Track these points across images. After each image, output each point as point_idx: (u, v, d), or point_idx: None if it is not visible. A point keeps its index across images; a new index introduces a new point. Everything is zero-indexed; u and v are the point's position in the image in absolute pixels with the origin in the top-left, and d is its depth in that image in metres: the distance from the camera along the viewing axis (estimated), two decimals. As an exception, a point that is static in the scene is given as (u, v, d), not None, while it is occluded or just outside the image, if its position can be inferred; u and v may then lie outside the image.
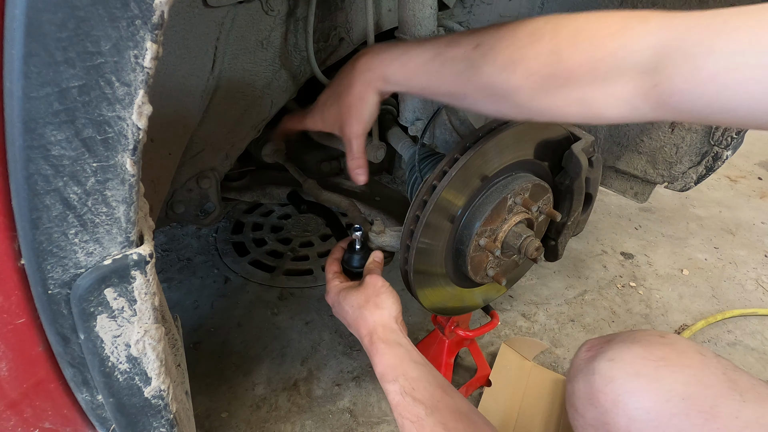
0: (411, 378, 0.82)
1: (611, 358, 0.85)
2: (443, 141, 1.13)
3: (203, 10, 0.95)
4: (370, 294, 0.93)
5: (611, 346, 0.88)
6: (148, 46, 0.43)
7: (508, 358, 1.59)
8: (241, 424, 1.41)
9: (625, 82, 0.58)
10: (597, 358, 0.88)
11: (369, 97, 0.88)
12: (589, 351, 0.93)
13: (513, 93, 0.67)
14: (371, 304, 0.92)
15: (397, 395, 0.81)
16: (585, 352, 0.94)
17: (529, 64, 0.64)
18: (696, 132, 1.29)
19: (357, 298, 0.94)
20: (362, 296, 0.93)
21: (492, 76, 0.68)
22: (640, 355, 0.83)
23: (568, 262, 2.10)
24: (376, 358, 0.87)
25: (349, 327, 0.98)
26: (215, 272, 1.96)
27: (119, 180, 0.48)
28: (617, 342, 0.88)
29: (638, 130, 1.41)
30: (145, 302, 0.55)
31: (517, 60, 0.65)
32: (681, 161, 1.37)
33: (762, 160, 3.07)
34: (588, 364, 0.89)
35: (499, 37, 0.68)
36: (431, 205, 0.92)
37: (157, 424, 0.63)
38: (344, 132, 0.94)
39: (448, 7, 1.32)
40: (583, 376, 0.89)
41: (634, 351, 0.84)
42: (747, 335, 1.79)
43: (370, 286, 0.95)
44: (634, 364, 0.83)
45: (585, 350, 0.95)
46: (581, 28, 0.61)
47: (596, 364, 0.87)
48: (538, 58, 0.63)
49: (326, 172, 1.66)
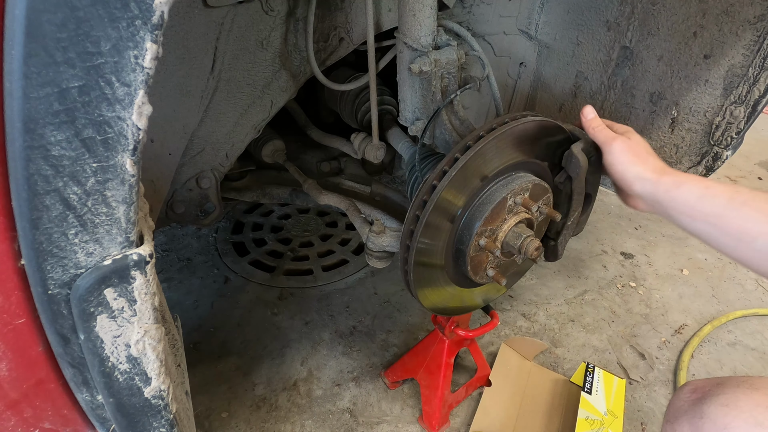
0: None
1: (725, 403, 0.76)
2: (443, 141, 1.13)
3: (203, 10, 0.95)
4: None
5: (723, 390, 0.79)
6: (148, 46, 0.43)
7: (508, 358, 1.59)
8: (241, 424, 1.41)
9: None
10: (706, 401, 0.79)
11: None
12: (695, 392, 0.84)
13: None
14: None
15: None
16: (689, 393, 0.85)
17: None
18: (696, 132, 1.29)
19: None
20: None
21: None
22: (760, 403, 0.74)
23: (568, 262, 2.10)
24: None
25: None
26: (215, 272, 1.96)
27: (119, 180, 0.48)
28: (731, 386, 0.79)
29: (638, 130, 1.41)
30: (145, 302, 0.55)
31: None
32: (681, 161, 1.37)
33: (762, 160, 3.07)
34: (694, 406, 0.80)
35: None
36: (431, 205, 0.92)
37: (157, 424, 0.63)
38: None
39: (448, 7, 1.32)
40: (687, 419, 0.80)
41: (753, 398, 0.75)
42: (747, 335, 1.79)
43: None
44: (753, 412, 0.73)
45: (689, 391, 0.85)
46: None
47: (705, 408, 0.78)
48: None
49: (326, 172, 1.66)
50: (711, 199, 0.82)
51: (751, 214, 0.78)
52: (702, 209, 0.82)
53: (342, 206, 1.37)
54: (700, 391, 0.83)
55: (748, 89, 1.16)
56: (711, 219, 0.82)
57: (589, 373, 1.50)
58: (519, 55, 1.59)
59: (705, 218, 0.82)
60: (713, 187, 0.83)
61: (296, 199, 1.59)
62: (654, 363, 1.66)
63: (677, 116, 1.32)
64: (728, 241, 0.81)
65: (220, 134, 1.18)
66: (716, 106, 1.23)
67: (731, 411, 0.75)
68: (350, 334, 1.71)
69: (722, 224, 0.81)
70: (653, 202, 0.90)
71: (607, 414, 1.40)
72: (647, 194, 0.90)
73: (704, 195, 0.82)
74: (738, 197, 0.80)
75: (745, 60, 1.14)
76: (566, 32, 1.46)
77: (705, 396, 0.80)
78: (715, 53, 1.18)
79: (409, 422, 1.43)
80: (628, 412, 1.48)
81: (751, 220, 0.78)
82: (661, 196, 0.87)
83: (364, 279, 1.95)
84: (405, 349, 1.63)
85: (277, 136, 1.53)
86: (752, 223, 0.78)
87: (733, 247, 0.81)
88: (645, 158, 0.92)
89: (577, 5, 1.40)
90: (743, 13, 1.10)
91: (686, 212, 0.84)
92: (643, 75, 1.34)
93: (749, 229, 0.78)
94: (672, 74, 1.27)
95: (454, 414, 1.45)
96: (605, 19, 1.35)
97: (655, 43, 1.27)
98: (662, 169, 0.89)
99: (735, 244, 0.80)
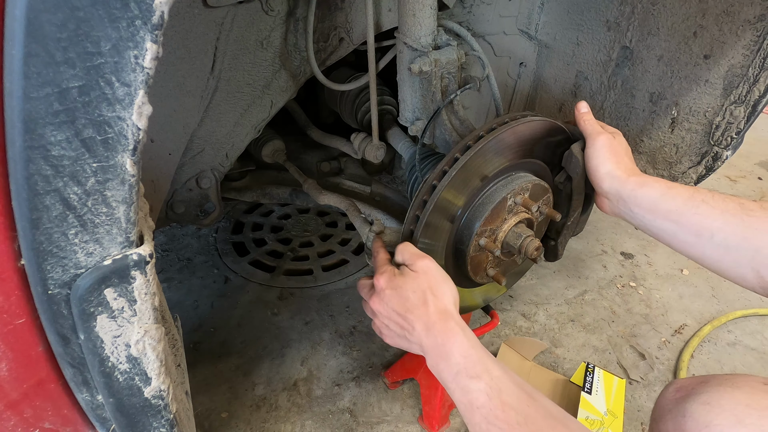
0: (496, 376, 0.73)
1: (706, 401, 0.76)
2: (443, 141, 1.13)
3: (203, 10, 0.95)
4: (431, 279, 0.84)
5: (706, 388, 0.79)
6: (148, 46, 0.43)
7: (508, 358, 1.59)
8: (241, 424, 1.41)
9: None
10: (689, 399, 0.79)
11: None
12: (679, 391, 0.84)
13: None
14: (436, 289, 0.83)
15: (482, 395, 0.72)
16: (674, 392, 0.85)
17: None
18: (696, 132, 1.29)
19: (418, 282, 0.84)
20: (424, 281, 0.84)
21: None
22: (742, 401, 0.74)
23: (568, 262, 2.10)
24: (453, 346, 0.77)
25: (404, 316, 0.85)
26: (215, 272, 1.96)
27: (119, 180, 0.48)
28: (713, 385, 0.79)
29: (638, 130, 1.41)
30: (145, 302, 0.55)
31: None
32: (681, 161, 1.37)
33: (762, 160, 3.07)
34: (678, 405, 0.80)
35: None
36: (431, 205, 0.92)
37: (157, 424, 0.63)
38: None
39: (448, 7, 1.33)
40: (671, 418, 0.80)
41: (735, 397, 0.75)
42: (747, 335, 1.79)
43: (430, 270, 0.85)
44: (735, 411, 0.73)
45: (674, 390, 0.85)
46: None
47: (688, 406, 0.78)
48: None
49: (326, 172, 1.66)
50: (672, 198, 0.85)
51: (709, 211, 0.81)
52: (663, 206, 0.86)
53: (342, 206, 1.37)
54: (684, 390, 0.83)
55: (748, 89, 1.16)
56: (672, 216, 0.85)
57: (589, 373, 1.50)
58: (519, 55, 1.59)
59: (666, 215, 0.86)
60: (675, 188, 0.86)
61: (296, 199, 1.59)
62: (654, 363, 1.66)
63: (677, 116, 1.32)
64: (688, 237, 0.84)
65: (220, 134, 1.18)
66: (716, 106, 1.23)
67: (713, 409, 0.75)
68: (350, 334, 1.71)
69: (682, 221, 0.84)
70: (618, 200, 0.92)
71: (607, 414, 1.40)
72: (613, 192, 0.92)
73: (666, 194, 0.86)
74: (698, 195, 0.83)
75: (745, 60, 1.14)
76: (566, 32, 1.46)
77: (688, 394, 0.81)
78: (715, 53, 1.18)
79: (409, 422, 1.43)
80: (628, 412, 1.48)
81: (710, 217, 0.81)
82: (626, 194, 0.90)
83: (364, 279, 1.95)
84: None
85: (277, 136, 1.53)
86: (710, 219, 0.81)
87: (692, 243, 0.84)
88: (621, 158, 0.94)
89: (577, 5, 1.40)
90: (743, 13, 1.10)
91: (649, 209, 0.87)
92: (643, 75, 1.34)
93: (708, 225, 0.81)
94: (672, 74, 1.27)
95: (454, 414, 1.45)
96: (605, 19, 1.35)
97: (655, 43, 1.27)
98: (632, 170, 0.92)
99: (694, 240, 0.83)
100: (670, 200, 0.85)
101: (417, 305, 0.82)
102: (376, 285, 0.89)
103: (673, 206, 0.85)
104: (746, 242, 0.78)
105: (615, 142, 0.95)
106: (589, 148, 0.97)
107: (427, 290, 0.83)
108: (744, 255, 0.78)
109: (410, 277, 0.85)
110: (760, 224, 0.77)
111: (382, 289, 0.88)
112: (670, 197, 0.86)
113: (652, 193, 0.87)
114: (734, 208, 0.80)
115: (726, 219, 0.80)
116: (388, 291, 0.86)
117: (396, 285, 0.85)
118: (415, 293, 0.83)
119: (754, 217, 0.78)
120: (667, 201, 0.86)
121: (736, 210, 0.80)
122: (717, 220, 0.81)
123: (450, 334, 0.79)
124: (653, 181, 0.89)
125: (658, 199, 0.86)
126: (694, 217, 0.83)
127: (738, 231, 0.79)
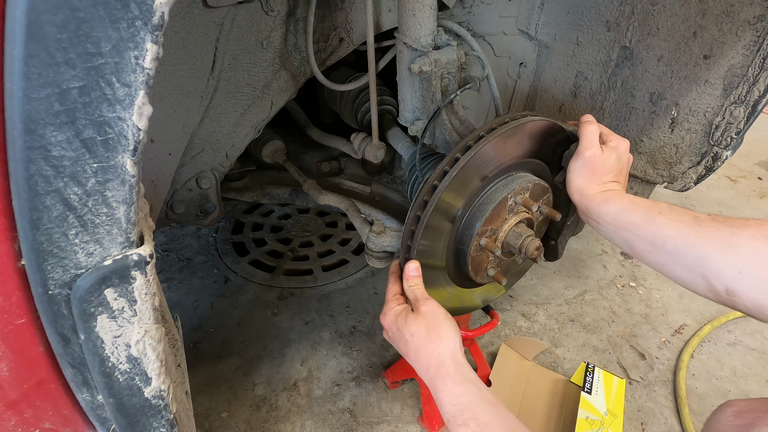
0: (483, 423, 0.78)
1: None
2: (443, 141, 1.13)
3: (203, 11, 0.95)
4: (430, 323, 0.89)
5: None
6: (148, 47, 0.43)
7: (508, 358, 1.59)
8: (241, 424, 1.41)
9: None
10: (755, 428, 0.74)
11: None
12: (739, 417, 0.78)
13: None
14: (434, 334, 0.88)
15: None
16: (733, 417, 0.79)
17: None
18: (696, 132, 1.29)
19: (417, 326, 0.89)
20: (422, 325, 0.89)
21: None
22: None
23: (568, 262, 2.11)
24: (443, 395, 0.83)
25: (406, 356, 0.93)
26: (215, 272, 1.96)
27: (119, 181, 0.48)
28: None
29: (638, 130, 1.41)
30: (145, 302, 0.55)
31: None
32: (681, 161, 1.37)
33: (762, 160, 3.07)
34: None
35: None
36: (432, 206, 0.92)
37: (157, 424, 0.63)
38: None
39: (448, 7, 1.32)
40: None
41: None
42: (747, 335, 1.79)
43: (430, 315, 0.90)
44: None
45: (732, 414, 0.80)
46: None
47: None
48: None
49: (326, 172, 1.66)
50: (631, 212, 0.91)
51: (664, 222, 0.86)
52: (623, 219, 0.91)
53: (342, 206, 1.37)
54: (746, 416, 0.78)
55: (747, 89, 1.16)
56: (630, 228, 0.90)
57: (589, 373, 1.50)
58: (519, 55, 1.59)
59: (625, 227, 0.91)
60: (636, 202, 0.92)
61: (296, 199, 1.59)
62: (654, 363, 1.66)
63: (677, 116, 1.32)
64: (644, 246, 0.89)
65: (220, 134, 1.18)
66: (716, 106, 1.23)
67: None
68: (350, 334, 1.71)
69: (640, 232, 0.89)
70: (586, 214, 0.98)
71: (607, 414, 1.40)
72: (582, 207, 0.99)
73: (626, 208, 0.91)
74: (655, 208, 0.88)
75: (745, 60, 1.14)
76: (566, 32, 1.46)
77: (753, 424, 0.76)
78: (714, 53, 1.18)
79: (409, 422, 1.43)
80: (628, 412, 1.49)
81: (664, 227, 0.85)
82: (592, 209, 0.96)
83: (364, 279, 1.95)
84: (405, 349, 1.63)
85: (277, 136, 1.53)
86: (664, 229, 0.85)
87: (648, 251, 0.89)
88: (599, 176, 0.98)
89: (577, 5, 1.40)
90: (743, 14, 1.10)
91: (611, 222, 0.93)
92: (642, 75, 1.33)
93: (661, 234, 0.85)
94: (672, 74, 1.27)
95: (454, 414, 1.45)
96: (605, 20, 1.35)
97: (655, 44, 1.27)
98: (602, 187, 0.97)
99: (650, 248, 0.88)
100: (629, 213, 0.91)
101: (415, 350, 0.89)
102: (381, 321, 0.99)
103: (632, 219, 0.90)
104: (694, 249, 0.81)
105: (601, 158, 0.98)
106: (572, 162, 1.01)
107: (426, 336, 0.88)
108: (692, 261, 0.81)
109: (411, 319, 0.91)
110: (709, 233, 0.80)
111: (385, 329, 0.98)
112: (629, 211, 0.91)
113: (614, 208, 0.92)
114: (687, 220, 0.84)
115: (678, 228, 0.83)
116: (391, 332, 0.96)
117: (398, 327, 0.92)
118: (413, 337, 0.89)
119: (704, 227, 0.81)
120: (626, 214, 0.91)
121: (689, 221, 0.83)
122: (670, 229, 0.84)
123: (440, 383, 0.84)
124: (617, 196, 0.94)
125: (618, 213, 0.92)
126: (649, 227, 0.87)
127: (688, 239, 0.82)
